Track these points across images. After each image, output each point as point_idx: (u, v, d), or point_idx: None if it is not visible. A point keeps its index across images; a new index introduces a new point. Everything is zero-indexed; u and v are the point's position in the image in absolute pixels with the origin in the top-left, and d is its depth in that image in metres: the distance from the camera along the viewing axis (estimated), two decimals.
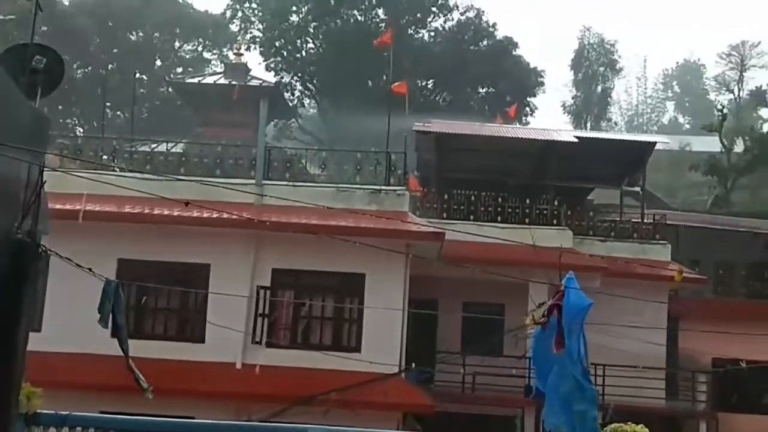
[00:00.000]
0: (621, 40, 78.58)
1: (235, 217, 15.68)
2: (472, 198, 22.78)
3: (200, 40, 48.21)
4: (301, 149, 27.52)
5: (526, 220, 22.30)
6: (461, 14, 49.47)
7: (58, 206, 15.10)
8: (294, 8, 48.35)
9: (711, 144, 45.81)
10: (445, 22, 49.50)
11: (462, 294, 21.60)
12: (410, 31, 48.00)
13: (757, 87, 63.67)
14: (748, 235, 29.74)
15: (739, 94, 67.17)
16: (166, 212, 16.93)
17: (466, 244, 18.71)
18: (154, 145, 22.25)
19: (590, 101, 61.85)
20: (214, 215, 16.55)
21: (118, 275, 15.09)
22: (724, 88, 70.11)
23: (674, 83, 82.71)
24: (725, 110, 46.93)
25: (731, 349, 20.87)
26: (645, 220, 24.86)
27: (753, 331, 19.94)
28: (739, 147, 43.23)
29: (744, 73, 67.77)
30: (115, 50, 42.92)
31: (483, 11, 49.48)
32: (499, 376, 19.83)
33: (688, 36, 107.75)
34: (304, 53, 49.04)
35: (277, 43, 48.39)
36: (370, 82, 44.50)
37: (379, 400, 16.28)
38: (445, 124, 27.34)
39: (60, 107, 41.51)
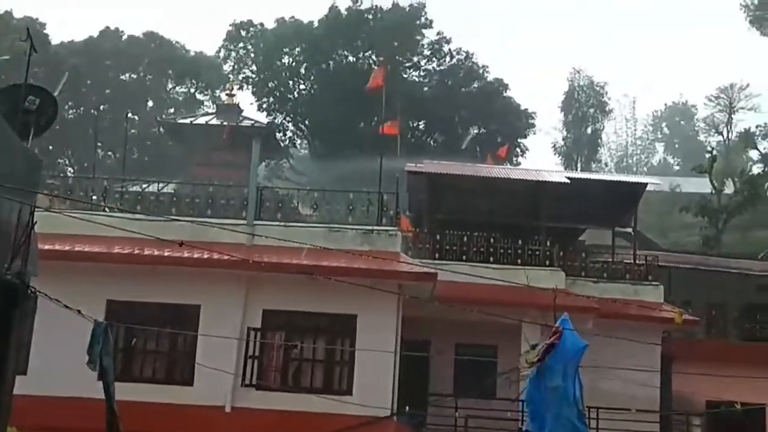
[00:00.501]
0: (610, 82, 79.74)
1: (226, 257, 15.57)
2: (465, 238, 22.73)
3: (193, 81, 48.54)
4: (292, 189, 27.53)
5: (519, 261, 22.24)
6: (452, 57, 50.06)
7: (47, 247, 15.02)
8: (287, 49, 48.85)
9: (701, 185, 46.15)
10: (438, 65, 50.05)
11: (455, 335, 21.43)
12: (402, 74, 48.47)
13: (745, 129, 64.54)
14: (739, 276, 29.78)
15: (728, 136, 68.03)
16: (156, 253, 16.80)
17: (458, 284, 18.60)
18: (145, 186, 22.18)
19: (580, 142, 62.43)
20: (205, 256, 16.48)
21: (107, 317, 14.91)
22: (713, 130, 70.97)
23: (663, 125, 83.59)
24: (715, 152, 47.40)
25: (725, 391, 20.69)
26: (637, 261, 24.83)
27: (746, 374, 19.79)
28: (729, 188, 43.55)
29: (732, 116, 68.67)
30: (107, 91, 43.08)
31: (473, 54, 50.13)
32: (493, 419, 19.57)
33: (677, 78, 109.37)
34: (296, 94, 49.45)
35: (269, 84, 48.81)
36: (362, 123, 44.82)
37: None
38: (437, 164, 27.44)
39: (51, 147, 41.54)
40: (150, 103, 47.12)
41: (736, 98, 68.69)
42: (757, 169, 57.45)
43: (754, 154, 62.42)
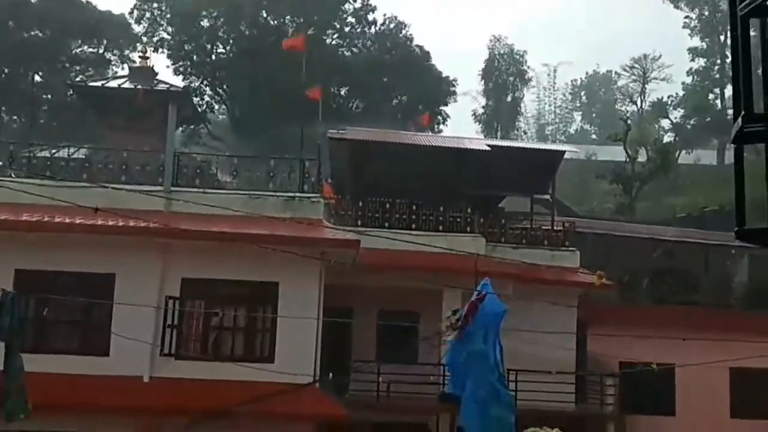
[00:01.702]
0: (530, 50, 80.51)
1: (142, 224, 15.08)
2: (387, 205, 22.73)
3: (102, 41, 46.50)
4: (211, 155, 26.88)
5: (440, 228, 22.40)
6: (376, 24, 49.70)
7: None
8: (205, 12, 47.49)
9: (616, 153, 47.41)
10: (362, 31, 49.59)
11: (377, 302, 21.50)
12: (325, 39, 47.85)
13: (658, 99, 66.58)
14: (651, 241, 30.83)
15: (641, 106, 69.99)
16: (67, 220, 16.13)
17: (380, 251, 18.60)
18: (54, 151, 21.24)
19: (500, 111, 63.11)
20: (120, 223, 15.95)
21: (16, 287, 14.27)
22: (628, 100, 72.91)
23: (583, 93, 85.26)
24: (629, 121, 48.69)
25: (637, 352, 21.49)
26: (555, 228, 25.37)
27: (657, 335, 20.57)
28: (642, 156, 44.87)
29: (646, 86, 70.66)
30: (10, 50, 40.67)
31: (396, 18, 49.87)
32: (414, 383, 19.80)
33: (598, 48, 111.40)
34: (214, 57, 48.21)
35: (186, 47, 47.40)
36: (282, 89, 44.08)
37: (292, 410, 15.97)
38: (359, 131, 27.26)
39: None
40: (57, 64, 44.99)
41: (650, 68, 70.71)
42: (668, 138, 59.49)
43: (665, 123, 64.62)
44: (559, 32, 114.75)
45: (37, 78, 42.43)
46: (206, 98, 49.30)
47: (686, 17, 65.96)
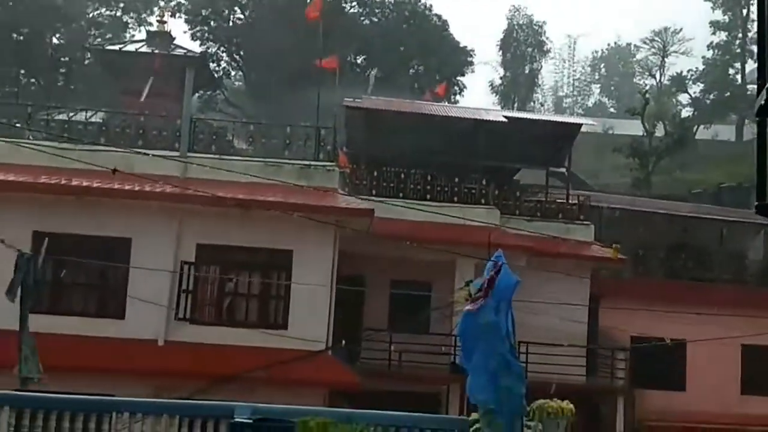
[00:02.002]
0: (550, 21, 79.49)
1: (158, 189, 15.17)
2: (402, 175, 22.70)
3: (120, 3, 46.35)
4: (228, 122, 26.88)
5: (455, 199, 22.36)
6: None
7: None
8: None
9: (634, 128, 47.03)
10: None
11: (390, 272, 21.55)
12: (344, 6, 47.46)
13: (677, 72, 65.70)
14: (666, 217, 30.65)
15: (660, 79, 69.13)
16: (85, 183, 16.26)
17: (394, 221, 18.63)
18: (72, 114, 21.32)
19: (518, 82, 62.56)
20: (137, 187, 16.06)
21: (34, 248, 14.42)
22: (647, 73, 71.99)
23: (602, 66, 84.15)
24: (647, 95, 48.18)
25: (649, 327, 21.50)
26: (570, 201, 25.26)
27: (670, 310, 20.56)
28: (660, 131, 44.49)
29: (665, 59, 69.74)
30: (27, 12, 40.54)
31: None
32: (426, 353, 19.91)
33: (618, 20, 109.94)
34: (231, 23, 47.95)
35: (204, 12, 47.14)
36: (299, 56, 43.84)
37: (306, 377, 16.14)
38: (375, 100, 27.15)
39: None
40: (73, 26, 44.89)
41: (670, 42, 69.73)
42: (686, 113, 58.88)
43: (684, 97, 63.83)
44: (577, 2, 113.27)
45: (54, 41, 42.37)
46: (223, 64, 49.14)
47: None
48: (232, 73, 51.28)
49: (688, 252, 28.59)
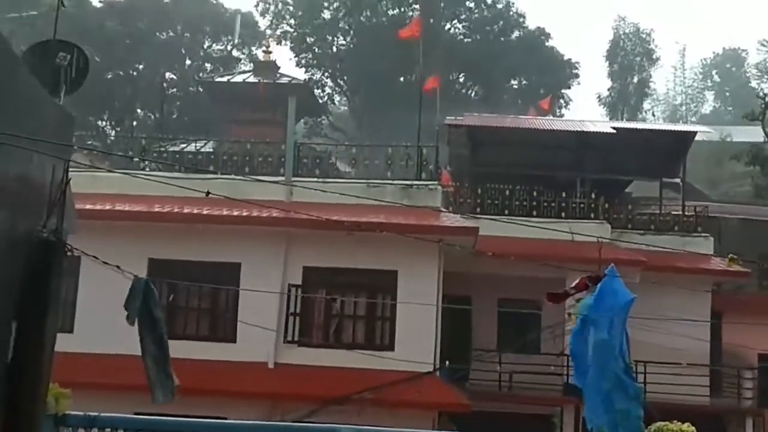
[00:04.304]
0: (657, 29, 77.18)
1: (265, 214, 15.45)
2: (506, 192, 22.34)
3: (229, 38, 48.27)
4: (330, 145, 27.28)
5: (563, 214, 21.82)
6: (490, 6, 48.95)
7: (88, 206, 15.11)
8: (326, 3, 48.20)
9: (752, 134, 44.54)
10: (479, 16, 48.92)
11: (497, 290, 21.17)
12: (444, 25, 47.55)
13: None
14: None
15: None
16: (195, 211, 16.78)
17: (500, 239, 18.27)
18: (183, 145, 22.16)
19: (626, 93, 60.79)
20: (245, 213, 16.43)
21: (149, 275, 14.95)
22: (766, 77, 68.44)
23: (714, 72, 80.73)
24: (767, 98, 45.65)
25: None
26: (686, 213, 24.17)
27: None
28: None
29: None
30: (144, 51, 42.94)
31: (513, 3, 48.93)
32: (537, 374, 19.39)
33: (726, 24, 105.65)
34: (335, 49, 48.86)
35: (308, 39, 48.31)
36: (402, 78, 44.18)
37: (414, 399, 15.97)
38: (477, 117, 26.95)
39: (91, 109, 41.76)
40: (188, 62, 47.06)
41: None
42: None
43: None
44: (683, 8, 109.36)
45: (169, 75, 44.46)
46: (327, 90, 50.10)
47: None
48: (337, 98, 52.22)
49: None
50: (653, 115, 69.97)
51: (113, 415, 10.46)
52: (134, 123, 35.72)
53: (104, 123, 43.52)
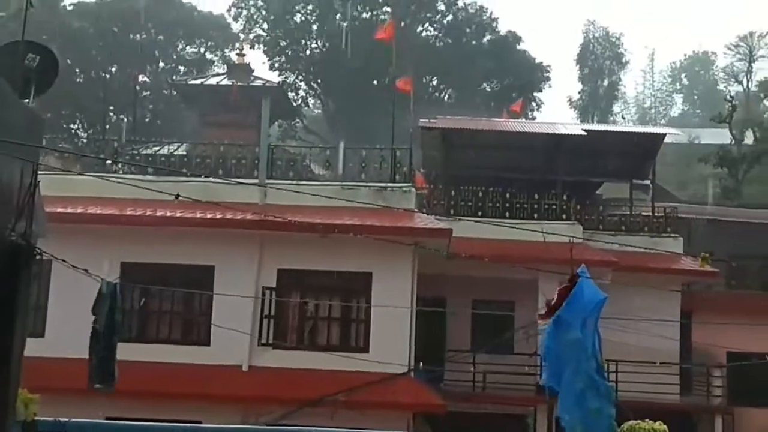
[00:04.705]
0: (627, 33, 78.14)
1: (239, 217, 15.41)
2: (480, 194, 22.49)
3: (202, 41, 47.99)
4: (305, 147, 27.24)
5: (535, 216, 22.00)
6: (461, 9, 49.23)
7: (59, 210, 14.96)
8: (299, 7, 48.15)
9: (720, 136, 45.30)
10: (451, 19, 49.14)
11: (471, 292, 21.30)
12: (416, 29, 47.70)
13: (766, 77, 63.09)
14: (760, 227, 29.29)
15: (748, 86, 66.60)
16: (168, 214, 16.69)
17: (474, 241, 18.39)
18: (156, 147, 22.01)
19: (597, 96, 61.45)
20: (218, 216, 16.38)
21: (122, 279, 14.86)
22: (733, 80, 69.51)
23: (683, 75, 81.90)
24: (734, 101, 46.41)
25: (746, 342, 20.49)
26: (656, 214, 24.50)
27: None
28: (749, 138, 42.76)
29: (753, 64, 67.20)
30: (117, 53, 42.59)
31: (485, 8, 49.28)
32: (511, 374, 19.52)
33: (695, 28, 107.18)
34: (308, 52, 48.81)
35: (281, 42, 48.19)
36: (375, 81, 44.24)
37: (389, 400, 16.02)
38: (450, 120, 27.07)
39: (63, 112, 41.32)
40: (161, 64, 46.71)
41: (756, 46, 67.18)
42: None
43: None
44: (651, 13, 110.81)
45: (142, 78, 44.11)
46: (301, 92, 50.04)
47: None
48: (311, 101, 52.16)
49: None
50: (623, 117, 70.80)
51: (83, 421, 10.34)
52: (107, 126, 35.32)
53: (76, 125, 43.10)
